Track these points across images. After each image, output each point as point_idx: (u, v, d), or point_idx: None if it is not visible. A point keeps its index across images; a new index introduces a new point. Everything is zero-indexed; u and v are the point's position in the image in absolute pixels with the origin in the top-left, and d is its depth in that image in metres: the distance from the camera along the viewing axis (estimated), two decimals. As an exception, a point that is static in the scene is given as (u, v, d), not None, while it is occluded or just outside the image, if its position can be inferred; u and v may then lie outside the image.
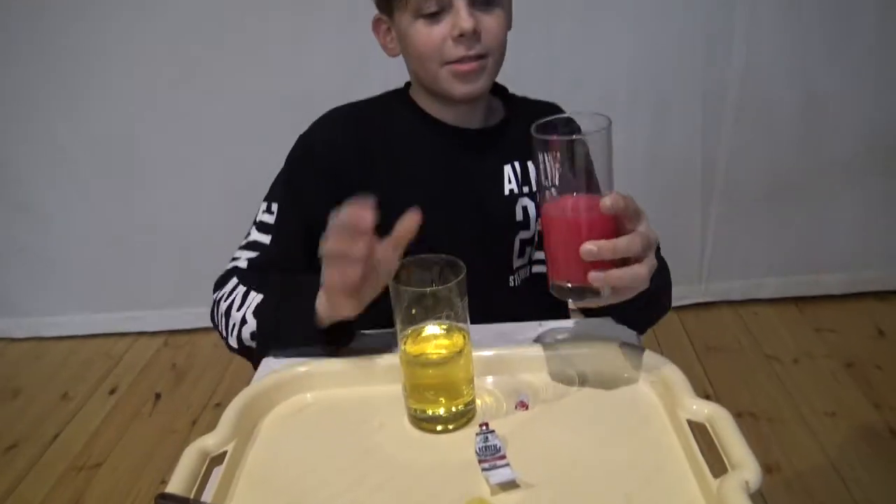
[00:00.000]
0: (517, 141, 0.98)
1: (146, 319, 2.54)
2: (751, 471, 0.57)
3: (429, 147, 0.96)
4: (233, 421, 0.71)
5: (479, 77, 0.90)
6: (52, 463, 1.95)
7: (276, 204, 0.94)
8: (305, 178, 0.94)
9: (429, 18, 0.86)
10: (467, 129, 0.97)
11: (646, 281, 0.68)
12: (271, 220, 0.94)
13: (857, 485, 1.67)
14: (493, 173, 0.97)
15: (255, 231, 0.94)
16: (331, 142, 0.95)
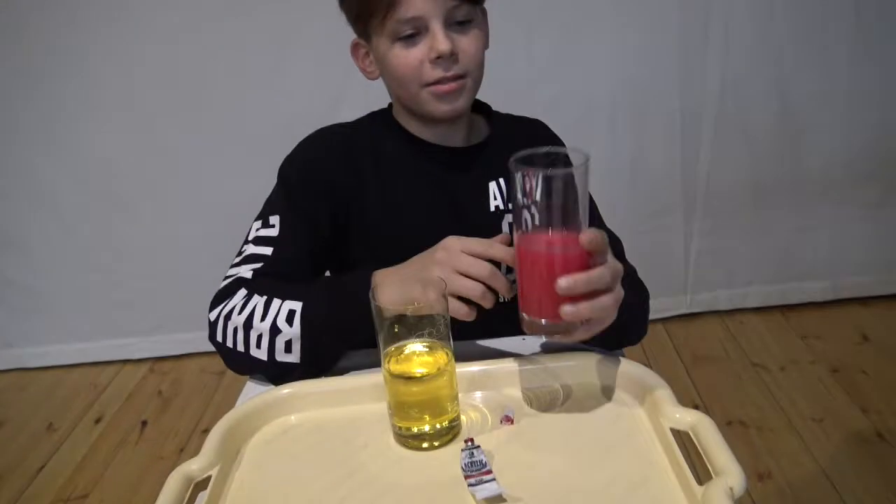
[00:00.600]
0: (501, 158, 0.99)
1: (131, 347, 2.51)
2: (734, 477, 0.58)
3: (414, 166, 0.97)
4: (217, 445, 0.70)
5: (459, 96, 0.91)
6: (38, 495, 1.92)
7: (277, 217, 0.93)
8: (304, 195, 0.94)
9: (406, 41, 0.87)
10: (451, 148, 0.98)
11: (614, 311, 0.68)
12: (271, 234, 0.92)
13: (847, 489, 1.67)
14: (478, 190, 0.98)
15: (252, 246, 0.92)
16: (325, 161, 0.96)
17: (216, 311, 0.88)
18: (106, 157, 2.24)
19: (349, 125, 1.01)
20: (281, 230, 0.92)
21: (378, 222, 0.95)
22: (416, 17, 0.85)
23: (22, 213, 2.33)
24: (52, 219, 2.33)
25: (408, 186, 0.96)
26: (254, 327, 0.83)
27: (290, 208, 0.94)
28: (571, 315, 0.65)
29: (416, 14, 0.85)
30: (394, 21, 0.85)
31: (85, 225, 2.34)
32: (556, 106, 2.08)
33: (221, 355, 0.88)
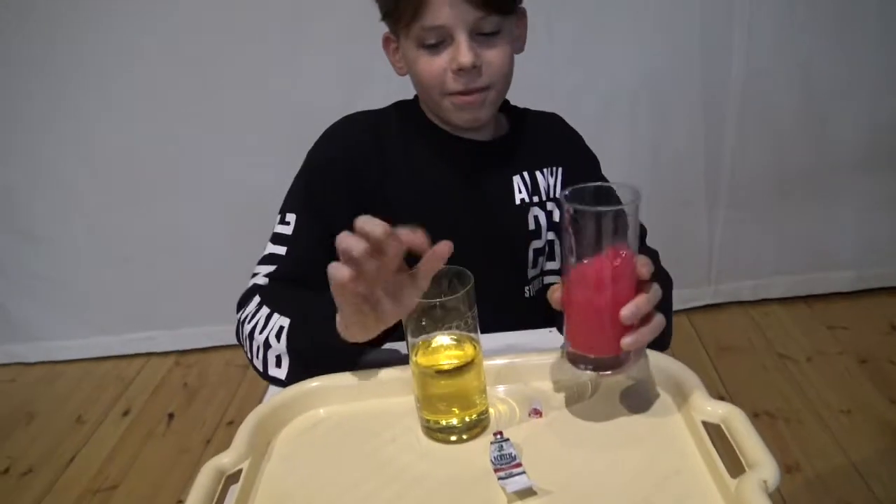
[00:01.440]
0: (523, 152, 0.99)
1: (157, 340, 2.55)
2: (768, 470, 0.57)
3: (440, 159, 0.96)
4: (247, 439, 0.71)
5: (482, 108, 0.90)
6: (69, 487, 1.95)
7: (293, 214, 0.93)
8: (325, 186, 0.94)
9: (430, 49, 0.86)
10: (476, 141, 0.97)
11: (662, 324, 0.67)
12: (286, 231, 0.93)
13: (877, 481, 1.66)
14: (504, 184, 0.98)
15: (271, 244, 0.94)
16: (351, 148, 0.95)
17: (239, 315, 0.90)
18: (127, 150, 2.26)
19: (374, 113, 1.00)
20: (295, 229, 0.93)
21: (402, 215, 0.95)
22: (441, 27, 0.84)
23: (46, 209, 2.36)
24: (76, 214, 2.36)
25: (434, 179, 0.96)
26: (255, 339, 0.85)
27: (307, 206, 0.94)
28: (632, 345, 0.64)
29: (442, 23, 0.83)
30: (419, 27, 0.85)
31: (108, 219, 2.37)
32: (577, 96, 2.06)
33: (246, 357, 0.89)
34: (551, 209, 1.00)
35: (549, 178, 1.01)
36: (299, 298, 0.87)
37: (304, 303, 0.85)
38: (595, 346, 0.66)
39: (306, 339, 0.81)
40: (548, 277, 1.02)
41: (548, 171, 1.01)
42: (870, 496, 1.62)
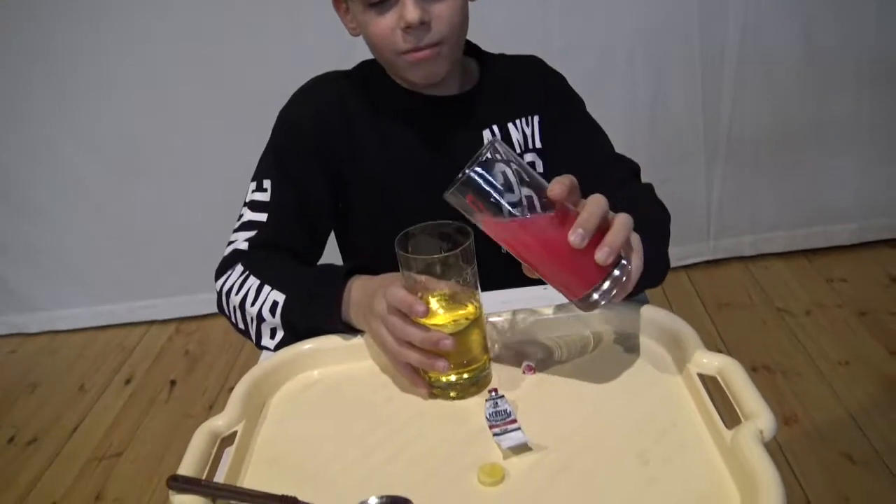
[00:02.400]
0: (494, 104, 0.97)
1: (157, 308, 2.55)
2: (764, 420, 0.57)
3: (408, 117, 0.95)
4: (241, 401, 0.71)
5: (436, 63, 0.88)
6: (74, 454, 1.97)
7: (269, 181, 0.93)
8: (295, 155, 0.93)
9: (377, 7, 0.84)
10: (443, 97, 0.95)
11: (631, 225, 0.64)
12: (264, 198, 0.92)
13: (874, 431, 1.67)
14: (472, 139, 0.95)
15: (249, 211, 0.93)
16: (317, 117, 0.94)
17: (220, 283, 0.90)
18: (127, 122, 2.24)
19: (342, 75, 0.98)
20: (273, 195, 0.92)
21: (375, 173, 0.94)
22: None
23: (45, 181, 2.35)
24: (75, 185, 2.35)
25: (403, 137, 0.94)
26: (246, 311, 0.84)
27: (281, 171, 0.93)
28: (608, 255, 0.60)
29: None
30: None
31: (107, 190, 2.36)
32: (573, 52, 2.03)
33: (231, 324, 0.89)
34: (532, 161, 0.99)
35: (523, 128, 0.98)
36: (292, 271, 0.87)
37: (300, 278, 0.84)
38: (582, 282, 0.63)
39: (305, 317, 0.80)
40: None
41: (522, 121, 0.98)
42: (867, 446, 1.63)
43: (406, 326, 0.68)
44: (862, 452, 1.62)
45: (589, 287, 0.63)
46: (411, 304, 0.66)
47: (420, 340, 0.67)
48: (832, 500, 1.52)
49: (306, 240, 0.94)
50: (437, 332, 0.67)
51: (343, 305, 0.77)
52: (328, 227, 0.99)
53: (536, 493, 0.58)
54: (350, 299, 0.76)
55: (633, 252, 0.65)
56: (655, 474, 0.58)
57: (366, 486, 0.61)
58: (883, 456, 1.58)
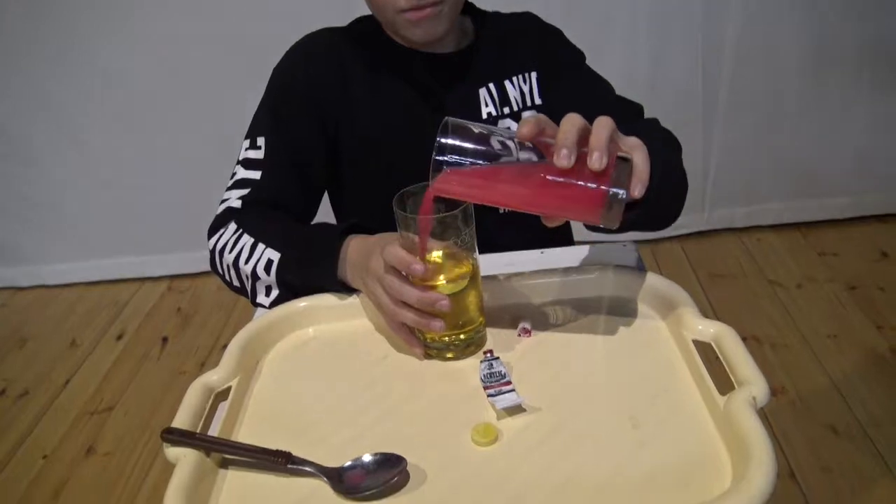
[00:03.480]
0: (490, 62, 0.96)
1: (149, 265, 2.54)
2: (758, 387, 0.57)
3: (401, 75, 0.93)
4: (235, 357, 0.71)
5: (437, 22, 0.86)
6: (65, 408, 1.98)
7: (263, 138, 0.91)
8: (290, 111, 0.92)
9: None
10: (439, 55, 0.93)
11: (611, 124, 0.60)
12: (258, 156, 0.91)
13: (859, 403, 1.69)
14: (468, 98, 0.94)
15: (242, 169, 0.92)
16: (311, 73, 0.93)
17: (213, 241, 0.89)
18: (121, 76, 2.21)
19: (337, 31, 0.96)
20: (267, 152, 0.91)
21: (368, 133, 0.93)
22: None
23: (37, 134, 2.32)
24: (67, 139, 2.32)
25: (396, 96, 0.93)
26: (240, 269, 0.84)
27: (275, 129, 0.92)
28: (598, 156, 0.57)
29: None
30: None
31: (100, 144, 2.33)
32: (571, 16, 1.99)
33: (224, 283, 0.89)
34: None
35: (520, 85, 0.97)
36: (287, 229, 0.86)
37: (295, 236, 0.83)
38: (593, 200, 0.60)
39: (300, 276, 0.80)
40: None
41: (518, 78, 0.97)
42: (851, 418, 1.66)
43: (403, 286, 0.68)
44: (846, 424, 1.65)
45: (602, 199, 0.59)
46: (409, 264, 0.66)
47: (417, 300, 0.67)
48: (814, 469, 1.55)
49: (300, 198, 0.93)
50: (434, 293, 0.67)
51: (339, 264, 0.76)
52: (322, 186, 0.98)
53: (529, 453, 0.58)
54: (346, 258, 0.76)
55: (632, 150, 0.62)
56: (647, 437, 0.58)
57: (360, 443, 0.61)
58: (866, 428, 1.60)
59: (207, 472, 0.59)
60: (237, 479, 0.60)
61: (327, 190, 1.01)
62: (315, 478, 0.58)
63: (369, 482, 0.57)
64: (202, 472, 0.59)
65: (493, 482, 0.56)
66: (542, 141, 0.61)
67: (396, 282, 0.68)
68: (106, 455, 1.81)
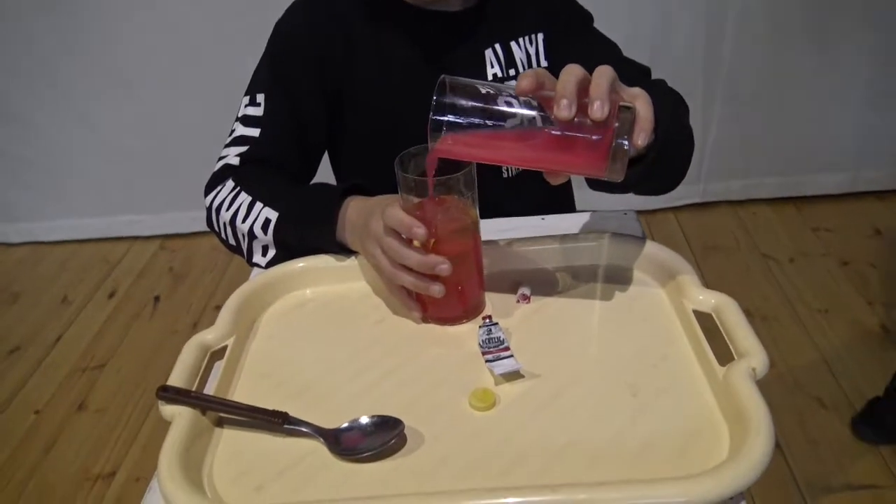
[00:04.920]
0: (497, 22, 0.93)
1: (142, 224, 2.52)
2: (757, 358, 0.57)
3: (407, 34, 0.91)
4: (232, 316, 0.70)
5: None
6: (57, 365, 1.98)
7: (263, 95, 0.90)
8: (291, 67, 0.90)
9: None
10: (445, 13, 0.91)
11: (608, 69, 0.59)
12: (257, 113, 0.89)
13: (847, 378, 1.71)
14: (474, 59, 0.92)
15: (241, 126, 0.90)
16: (314, 29, 0.90)
17: (209, 199, 0.88)
18: (113, 34, 2.17)
19: None
20: (266, 109, 0.89)
21: (370, 92, 0.91)
22: None
23: (28, 92, 2.29)
24: (59, 96, 2.29)
25: (402, 53, 0.91)
26: (237, 227, 0.83)
27: (275, 85, 0.90)
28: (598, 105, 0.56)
29: None
30: None
31: (92, 102, 2.30)
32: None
33: (220, 241, 0.88)
34: None
35: (526, 47, 0.95)
36: (285, 188, 0.85)
37: (294, 195, 0.82)
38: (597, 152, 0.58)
39: (297, 236, 0.79)
40: None
41: (525, 39, 0.95)
42: (838, 392, 1.68)
43: (402, 248, 0.67)
44: (833, 398, 1.66)
45: (606, 150, 0.58)
46: (410, 226, 0.65)
47: (417, 264, 0.67)
48: (801, 442, 1.57)
49: (299, 157, 0.92)
50: (434, 256, 0.66)
51: (338, 225, 0.75)
52: (322, 145, 0.97)
53: (527, 419, 0.58)
54: (345, 219, 0.75)
55: (634, 99, 0.61)
56: (645, 406, 0.58)
57: (357, 405, 0.61)
58: (854, 402, 1.62)
59: (203, 430, 0.59)
60: (233, 439, 0.60)
61: (328, 150, 0.99)
62: (312, 438, 0.58)
63: (366, 444, 0.56)
64: (198, 430, 0.58)
65: (490, 447, 0.56)
66: (542, 95, 0.60)
67: (396, 244, 0.67)
68: (97, 412, 1.81)
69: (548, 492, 0.48)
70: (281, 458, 0.57)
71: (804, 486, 1.48)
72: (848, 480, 1.48)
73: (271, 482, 0.55)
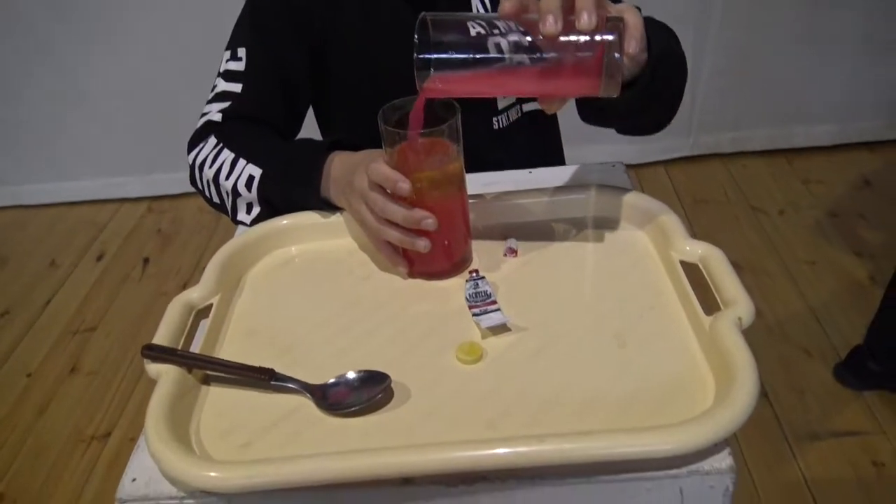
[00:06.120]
0: None
1: (128, 186, 2.50)
2: (744, 307, 0.57)
3: None
4: (217, 274, 0.70)
5: None
6: (47, 327, 1.98)
7: (244, 49, 0.87)
8: (272, 19, 0.88)
9: None
10: None
11: None
12: (239, 68, 0.87)
13: (834, 328, 1.73)
14: (460, 9, 0.90)
15: (222, 81, 0.88)
16: None
17: (192, 156, 0.87)
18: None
19: None
20: (248, 63, 0.87)
21: (356, 39, 0.89)
22: None
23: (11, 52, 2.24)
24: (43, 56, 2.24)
25: (387, 6, 0.88)
26: (220, 185, 0.81)
27: (257, 38, 0.88)
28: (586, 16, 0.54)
29: None
30: None
31: (77, 62, 2.26)
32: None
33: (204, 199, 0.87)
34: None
35: None
36: (268, 144, 0.83)
37: (277, 151, 0.81)
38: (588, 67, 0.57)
39: (282, 192, 0.78)
40: (528, 105, 0.96)
41: None
42: (825, 342, 1.70)
43: (387, 203, 0.66)
44: (819, 348, 1.68)
45: (598, 65, 0.56)
46: (395, 181, 0.64)
47: (402, 218, 0.66)
48: (788, 391, 1.59)
49: (283, 112, 0.90)
50: (420, 211, 0.65)
51: (322, 181, 0.74)
52: (307, 100, 0.95)
53: (514, 372, 0.58)
54: (330, 174, 0.74)
55: (622, 12, 0.59)
56: (632, 356, 0.58)
57: (344, 360, 0.61)
58: (839, 352, 1.64)
59: (189, 388, 0.59)
60: (220, 396, 0.59)
61: (312, 104, 0.98)
62: (299, 394, 0.58)
63: (353, 399, 0.56)
64: (184, 388, 0.58)
65: (477, 400, 0.56)
66: (527, 19, 0.58)
67: (381, 199, 0.66)
68: (90, 374, 1.82)
69: (535, 442, 0.49)
70: (268, 415, 0.57)
71: (790, 434, 1.50)
72: (833, 427, 1.51)
73: (259, 438, 0.55)
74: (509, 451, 0.48)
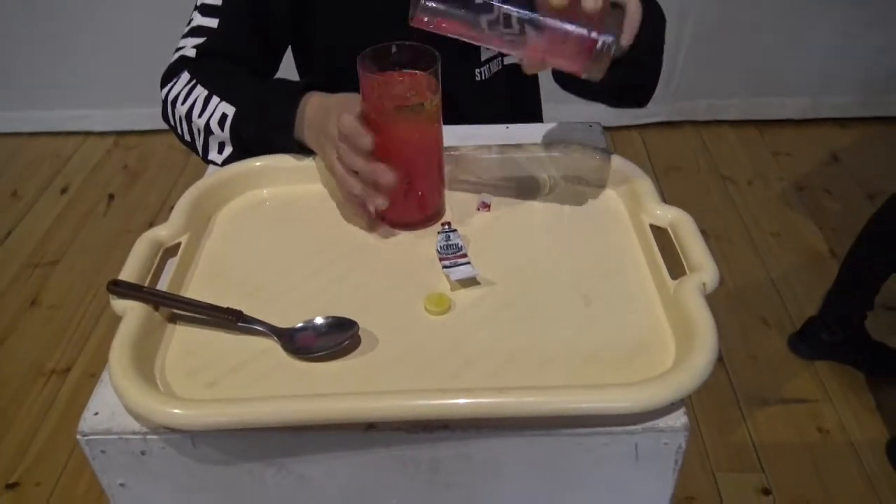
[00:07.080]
0: None
1: (94, 119, 2.43)
2: (708, 273, 0.58)
3: None
4: (186, 213, 0.69)
5: None
6: (7, 260, 1.94)
7: None
8: None
9: None
10: None
11: None
12: (216, 2, 0.84)
13: (792, 299, 1.77)
14: None
15: (199, 15, 0.85)
16: None
17: (164, 91, 0.84)
18: None
19: None
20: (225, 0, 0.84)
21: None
22: None
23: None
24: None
25: None
26: (193, 122, 0.80)
27: None
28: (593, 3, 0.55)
29: None
30: None
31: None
32: None
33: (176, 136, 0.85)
34: None
35: None
36: (243, 83, 0.81)
37: (252, 90, 0.79)
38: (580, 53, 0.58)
39: (256, 133, 0.76)
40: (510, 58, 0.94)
41: None
42: (782, 311, 1.74)
43: (353, 155, 0.65)
44: (777, 317, 1.73)
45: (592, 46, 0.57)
46: (357, 135, 0.63)
47: (361, 171, 0.65)
48: (742, 357, 1.64)
49: (260, 50, 0.88)
50: (379, 166, 0.64)
51: (297, 122, 0.73)
52: (285, 39, 0.92)
53: (481, 324, 0.59)
54: (304, 117, 0.73)
55: None
56: (597, 315, 0.59)
57: (311, 305, 0.61)
58: (796, 322, 1.69)
59: (155, 326, 0.58)
60: (185, 335, 0.59)
61: (291, 45, 0.95)
62: (266, 337, 0.58)
63: (320, 344, 0.57)
64: (150, 326, 0.58)
65: (443, 349, 0.57)
66: None
67: (347, 150, 0.66)
68: (51, 308, 1.79)
69: (496, 394, 0.50)
70: (234, 356, 0.57)
71: (742, 398, 1.55)
72: (783, 394, 1.56)
73: (224, 378, 0.55)
74: (471, 402, 0.49)
